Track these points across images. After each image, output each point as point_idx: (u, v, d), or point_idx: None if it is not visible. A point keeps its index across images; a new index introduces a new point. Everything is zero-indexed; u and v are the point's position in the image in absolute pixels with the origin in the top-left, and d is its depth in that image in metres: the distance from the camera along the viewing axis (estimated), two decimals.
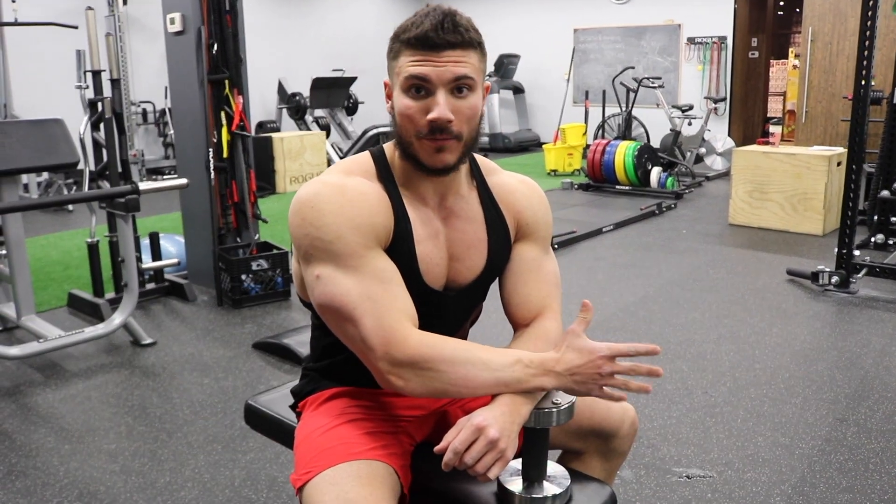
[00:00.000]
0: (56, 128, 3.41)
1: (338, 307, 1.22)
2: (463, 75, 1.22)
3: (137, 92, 9.14)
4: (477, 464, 1.15)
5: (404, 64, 1.23)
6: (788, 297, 4.11)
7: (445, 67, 1.21)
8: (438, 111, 1.21)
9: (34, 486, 2.31)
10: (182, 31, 4.05)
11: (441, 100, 1.22)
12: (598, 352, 1.23)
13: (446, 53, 1.21)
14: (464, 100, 1.24)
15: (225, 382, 3.06)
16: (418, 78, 1.21)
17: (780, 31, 11.83)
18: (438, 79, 1.21)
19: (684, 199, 7.25)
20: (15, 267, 3.43)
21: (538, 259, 1.43)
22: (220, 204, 4.18)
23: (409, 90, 1.23)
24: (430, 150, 1.26)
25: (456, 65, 1.22)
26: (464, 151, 1.28)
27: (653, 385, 2.99)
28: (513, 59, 11.62)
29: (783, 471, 2.34)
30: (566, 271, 4.69)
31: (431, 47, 1.20)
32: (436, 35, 1.20)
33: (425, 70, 1.21)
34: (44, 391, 3.01)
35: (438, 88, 1.22)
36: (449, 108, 1.22)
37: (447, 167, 1.28)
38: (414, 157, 1.28)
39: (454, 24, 1.21)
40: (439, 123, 1.22)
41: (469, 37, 1.23)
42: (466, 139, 1.27)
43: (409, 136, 1.26)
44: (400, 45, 1.24)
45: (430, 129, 1.23)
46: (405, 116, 1.24)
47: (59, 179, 7.39)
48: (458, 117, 1.23)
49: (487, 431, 1.15)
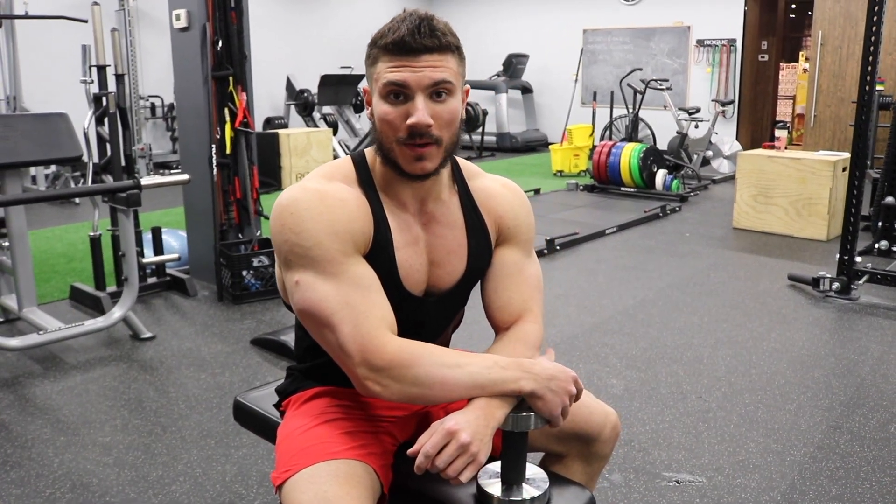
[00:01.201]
0: (60, 122, 3.43)
1: (316, 313, 1.22)
2: (441, 80, 1.23)
3: (146, 86, 9.20)
4: (448, 467, 1.16)
5: (382, 70, 1.23)
6: (789, 302, 4.11)
7: (423, 73, 1.22)
8: (417, 116, 1.22)
9: (28, 477, 2.33)
10: (187, 28, 4.07)
11: (420, 105, 1.22)
12: (568, 371, 1.26)
13: (424, 58, 1.21)
14: (443, 104, 1.24)
15: (221, 378, 3.08)
16: (396, 84, 1.22)
17: (791, 34, 11.79)
18: (417, 84, 1.22)
19: (689, 202, 7.24)
20: (17, 259, 3.45)
21: (519, 263, 1.43)
22: (223, 200, 4.20)
23: (387, 96, 1.24)
24: (409, 158, 1.26)
25: (434, 69, 1.22)
26: (444, 156, 1.29)
27: (646, 388, 2.99)
28: (521, 59, 11.62)
29: (773, 477, 2.34)
30: (567, 273, 4.70)
31: (409, 52, 1.21)
32: (412, 40, 1.20)
33: (403, 76, 1.21)
34: (42, 383, 3.04)
35: (417, 93, 1.22)
36: (428, 113, 1.22)
37: (427, 174, 1.29)
38: (394, 163, 1.28)
39: (431, 28, 1.22)
40: (418, 128, 1.22)
41: (446, 41, 1.23)
42: (446, 144, 1.28)
43: (388, 142, 1.27)
44: (378, 51, 1.24)
45: (409, 135, 1.23)
46: (384, 122, 1.25)
47: (66, 172, 7.44)
48: (437, 122, 1.24)
49: (459, 435, 1.16)
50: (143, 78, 9.13)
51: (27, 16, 7.53)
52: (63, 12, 7.16)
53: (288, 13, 11.11)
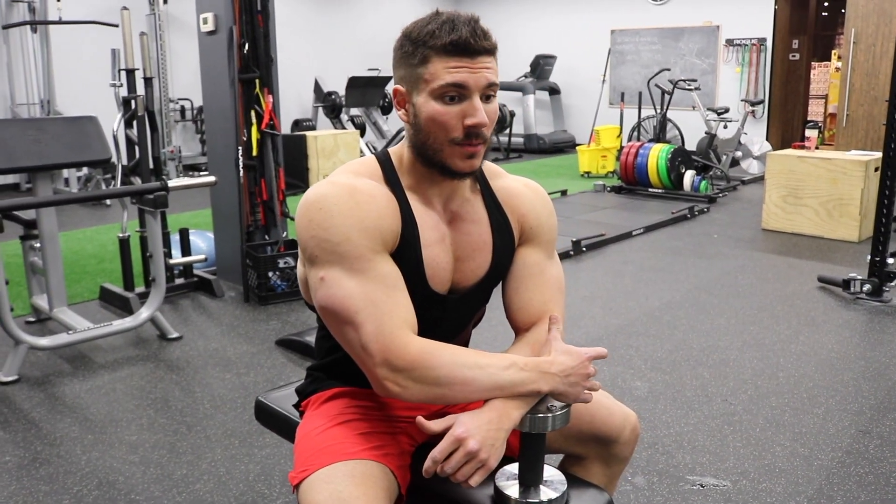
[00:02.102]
0: (90, 125, 3.49)
1: (340, 311, 1.22)
2: (493, 82, 1.25)
3: (176, 89, 9.31)
4: (457, 473, 1.16)
5: (439, 70, 1.22)
6: (818, 304, 4.04)
7: (481, 73, 1.23)
8: (479, 117, 1.23)
9: (56, 474, 2.37)
10: (214, 31, 4.12)
11: (479, 105, 1.24)
12: (584, 354, 1.27)
13: (480, 59, 1.23)
14: (490, 105, 1.27)
15: (246, 378, 3.11)
16: (456, 85, 1.22)
17: (824, 32, 11.61)
18: (475, 85, 1.23)
19: (718, 203, 7.16)
20: (48, 260, 3.51)
21: (541, 264, 1.42)
22: (249, 201, 4.24)
23: (442, 97, 1.24)
24: (462, 156, 1.27)
25: (488, 71, 1.24)
26: (485, 154, 1.31)
27: (671, 390, 2.96)
28: (549, 60, 11.58)
29: (800, 482, 2.31)
30: (593, 274, 4.67)
31: (469, 53, 1.22)
32: (474, 41, 1.21)
33: (463, 76, 1.22)
34: (71, 381, 3.09)
35: (475, 94, 1.23)
36: (484, 113, 1.25)
37: (474, 171, 1.31)
38: (440, 163, 1.28)
39: (483, 30, 1.23)
40: (477, 129, 1.24)
41: (494, 43, 1.26)
42: (488, 142, 1.30)
43: (438, 143, 1.26)
44: (429, 52, 1.23)
45: (466, 135, 1.25)
46: (436, 123, 1.25)
47: (97, 175, 7.55)
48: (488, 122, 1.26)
49: (467, 443, 1.16)
50: (172, 81, 9.24)
51: (60, 21, 7.67)
52: (95, 17, 7.30)
53: (316, 16, 11.19)
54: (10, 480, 2.34)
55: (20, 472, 2.39)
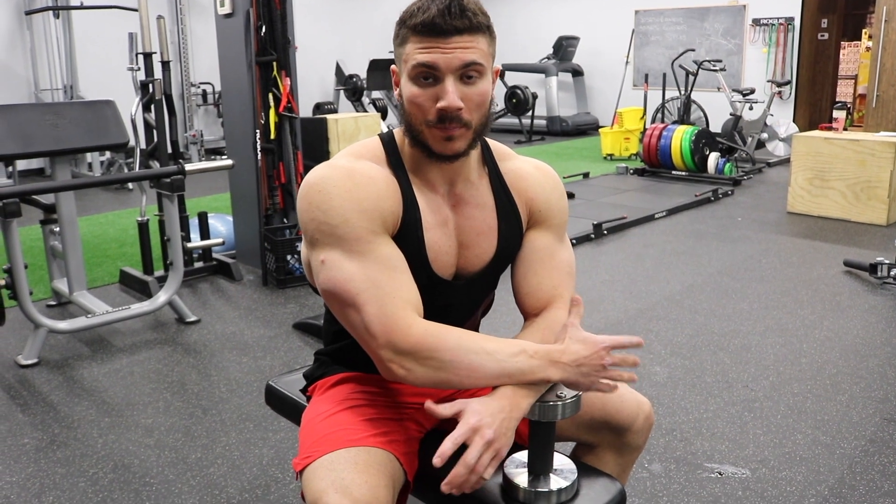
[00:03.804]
0: (107, 109, 3.49)
1: (341, 293, 1.20)
2: (471, 61, 1.20)
3: (197, 73, 9.32)
4: (476, 464, 1.13)
5: (411, 51, 1.20)
6: (843, 289, 3.96)
7: (454, 54, 1.19)
8: (448, 99, 1.19)
9: (73, 457, 2.38)
10: (231, 14, 4.09)
11: (450, 87, 1.19)
12: (601, 343, 1.22)
13: (454, 39, 1.18)
14: (472, 86, 1.22)
15: (263, 362, 3.11)
16: (426, 66, 1.19)
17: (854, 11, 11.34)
18: (447, 66, 1.19)
19: (742, 186, 7.05)
20: (67, 244, 3.53)
21: (551, 247, 1.39)
22: (267, 185, 4.23)
23: (416, 78, 1.21)
24: (439, 139, 1.24)
25: (464, 51, 1.19)
26: (473, 138, 1.26)
27: (691, 376, 2.92)
28: (572, 42, 11.44)
29: (821, 471, 2.26)
30: (614, 258, 4.62)
31: (439, 33, 1.18)
32: (443, 21, 1.17)
33: (433, 57, 1.19)
34: (90, 365, 3.11)
35: (447, 76, 1.19)
36: (458, 96, 1.20)
37: (457, 154, 1.27)
38: (423, 145, 1.26)
39: (461, 8, 1.18)
40: (449, 112, 1.20)
41: (477, 21, 1.20)
42: (476, 126, 1.25)
43: (418, 125, 1.24)
44: (406, 31, 1.21)
45: (438, 118, 1.21)
46: (413, 104, 1.22)
47: (119, 159, 7.60)
48: (467, 104, 1.21)
49: (483, 432, 1.14)
50: (194, 65, 9.26)
51: (82, 6, 7.70)
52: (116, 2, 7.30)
53: None
54: (28, 462, 2.36)
55: (38, 454, 2.41)
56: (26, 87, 8.10)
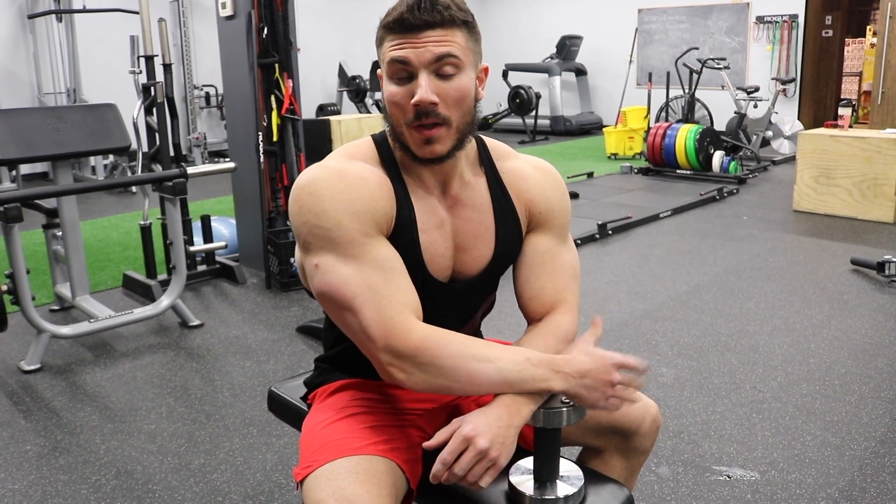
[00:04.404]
0: (109, 112, 3.47)
1: (337, 297, 1.18)
2: (444, 54, 1.17)
3: (200, 76, 9.32)
4: (467, 474, 1.11)
5: (386, 49, 1.19)
6: (851, 287, 3.93)
7: (425, 48, 1.16)
8: (420, 94, 1.16)
9: (75, 464, 2.37)
10: (233, 16, 4.08)
11: (423, 82, 1.17)
12: (609, 358, 1.19)
13: (425, 34, 1.16)
14: (449, 81, 1.19)
15: (266, 366, 3.09)
16: (399, 61, 1.17)
17: (859, 7, 11.29)
18: (418, 60, 1.16)
19: (747, 184, 7.01)
20: (70, 248, 3.52)
21: (553, 250, 1.36)
22: (270, 187, 4.21)
23: (392, 76, 1.20)
24: (419, 141, 1.21)
25: (437, 44, 1.17)
26: (457, 138, 1.23)
27: (698, 377, 2.89)
28: (575, 41, 11.41)
29: (831, 473, 2.23)
30: (619, 258, 4.59)
31: (409, 29, 1.16)
32: (411, 16, 1.16)
33: (404, 52, 1.17)
34: (93, 370, 3.09)
35: (420, 70, 1.17)
36: (432, 91, 1.17)
37: (438, 157, 1.24)
38: (406, 147, 1.24)
39: (432, 2, 1.16)
40: (423, 107, 1.17)
41: (450, 14, 1.17)
42: (458, 124, 1.22)
43: (399, 126, 1.22)
44: (382, 31, 1.20)
45: (415, 115, 1.18)
46: (392, 104, 1.21)
47: (123, 162, 7.60)
48: (444, 100, 1.18)
49: (477, 441, 1.11)
50: (197, 68, 9.26)
51: (85, 10, 7.70)
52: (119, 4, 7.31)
53: (340, 1, 11.12)
54: (30, 469, 2.34)
55: (40, 461, 2.39)
56: (29, 91, 8.10)
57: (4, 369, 3.11)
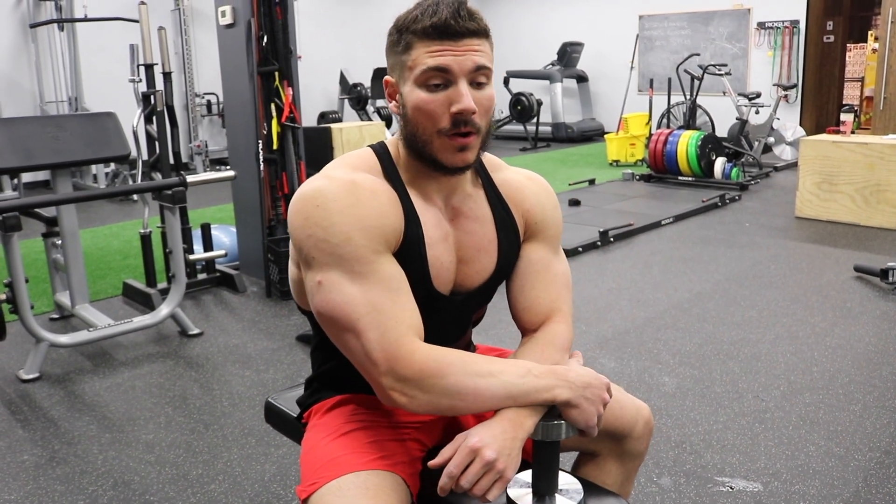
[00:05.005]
0: (108, 121, 3.47)
1: (340, 317, 1.14)
2: (483, 65, 1.16)
3: (202, 84, 9.33)
4: (474, 487, 1.09)
5: (421, 55, 1.15)
6: (854, 295, 3.90)
7: (466, 56, 1.15)
8: (465, 102, 1.14)
9: (72, 474, 2.35)
10: (233, 24, 4.08)
11: (464, 90, 1.15)
12: (602, 376, 1.19)
13: (465, 42, 1.15)
14: (482, 91, 1.18)
15: (265, 375, 3.07)
16: (439, 69, 1.15)
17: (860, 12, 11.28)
18: (460, 68, 1.15)
19: (750, 191, 6.99)
20: (69, 257, 3.51)
21: (546, 260, 1.35)
22: (270, 195, 4.20)
23: (426, 83, 1.16)
24: (451, 149, 1.19)
25: (475, 53, 1.16)
26: (481, 147, 1.23)
27: (700, 386, 2.87)
28: (576, 48, 11.41)
29: (835, 484, 2.21)
30: (621, 265, 4.57)
31: (451, 36, 1.14)
32: (455, 23, 1.14)
33: (446, 60, 1.14)
34: (91, 379, 3.08)
35: (460, 78, 1.15)
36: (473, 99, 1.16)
37: (468, 166, 1.22)
38: (430, 157, 1.20)
39: (469, 11, 1.16)
40: (465, 115, 1.15)
41: (483, 25, 1.18)
42: (483, 133, 1.21)
43: (426, 134, 1.19)
44: (412, 37, 1.16)
45: (453, 123, 1.16)
46: (424, 112, 1.17)
47: (124, 170, 7.59)
48: (479, 109, 1.17)
49: (483, 453, 1.09)
50: (198, 76, 9.27)
51: (86, 18, 7.71)
52: (121, 13, 7.33)
53: (341, 7, 11.14)
54: (27, 480, 2.33)
55: (37, 471, 2.38)
56: (31, 100, 8.11)
57: (3, 378, 3.10)
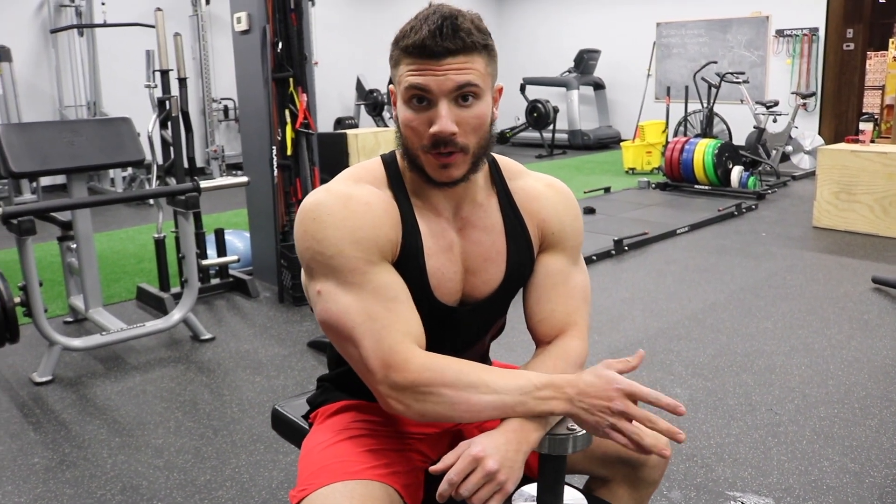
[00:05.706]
0: (123, 126, 3.49)
1: (338, 326, 1.16)
2: (465, 83, 1.13)
3: (218, 89, 9.38)
4: (473, 496, 1.07)
5: (403, 73, 1.15)
6: (872, 307, 3.85)
7: (446, 76, 1.12)
8: (440, 125, 1.13)
9: (81, 477, 2.36)
10: (248, 30, 4.09)
11: (443, 112, 1.13)
12: (615, 382, 1.12)
13: (446, 61, 1.12)
14: (468, 109, 1.15)
15: (276, 381, 3.07)
16: (418, 88, 1.14)
17: (881, 20, 11.17)
18: (439, 89, 1.13)
19: (766, 200, 6.93)
20: (83, 261, 3.53)
21: (565, 271, 1.33)
22: (284, 201, 4.21)
23: (409, 101, 1.16)
24: (434, 166, 1.18)
25: (458, 73, 1.13)
26: (472, 162, 1.20)
27: (712, 398, 2.83)
28: (593, 55, 11.39)
29: (850, 501, 2.17)
30: (635, 275, 4.54)
31: (430, 55, 1.12)
32: (433, 43, 1.11)
33: (425, 80, 1.13)
34: (103, 383, 3.09)
35: (440, 99, 1.13)
36: (452, 119, 1.14)
37: (454, 181, 1.21)
38: (420, 169, 1.21)
39: (454, 28, 1.12)
40: (442, 137, 1.14)
41: (471, 41, 1.14)
42: (474, 150, 1.19)
43: (414, 149, 1.19)
44: (399, 53, 1.16)
45: (433, 143, 1.15)
46: (408, 128, 1.17)
47: (141, 175, 7.65)
48: (462, 128, 1.15)
49: (485, 462, 1.07)
50: (215, 81, 9.32)
51: (105, 24, 7.79)
52: (140, 19, 7.38)
53: (357, 13, 11.18)
54: (36, 483, 2.34)
55: (47, 474, 2.39)
56: (51, 104, 8.20)
57: (17, 381, 3.12)
